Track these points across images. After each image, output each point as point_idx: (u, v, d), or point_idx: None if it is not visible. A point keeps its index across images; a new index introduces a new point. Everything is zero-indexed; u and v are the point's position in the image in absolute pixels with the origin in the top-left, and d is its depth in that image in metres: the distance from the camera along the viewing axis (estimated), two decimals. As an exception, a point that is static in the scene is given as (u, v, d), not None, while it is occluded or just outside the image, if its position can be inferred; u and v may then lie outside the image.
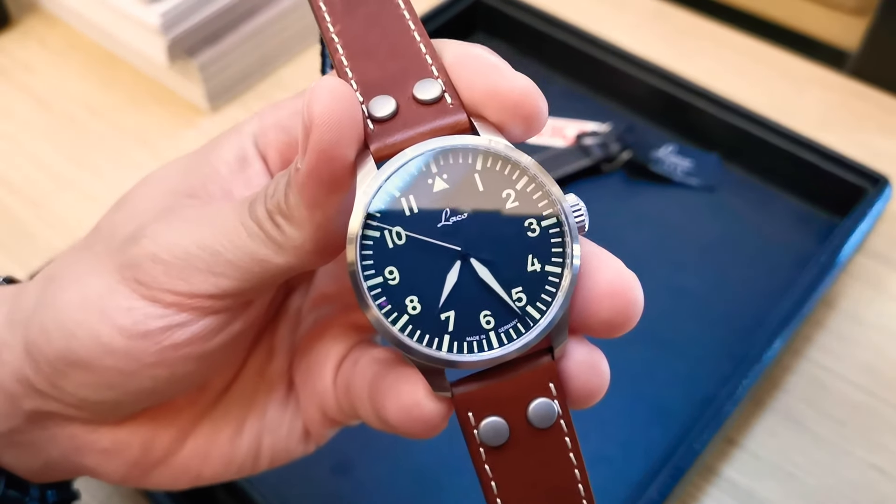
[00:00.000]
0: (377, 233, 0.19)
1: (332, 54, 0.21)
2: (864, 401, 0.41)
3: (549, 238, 0.20)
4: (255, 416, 0.27)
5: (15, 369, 0.24)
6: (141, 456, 0.26)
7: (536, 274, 0.20)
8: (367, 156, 0.20)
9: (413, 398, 0.21)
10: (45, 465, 0.26)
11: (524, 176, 0.20)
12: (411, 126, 0.20)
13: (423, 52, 0.21)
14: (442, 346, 0.20)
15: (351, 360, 0.25)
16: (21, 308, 0.24)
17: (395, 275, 0.19)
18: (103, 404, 0.24)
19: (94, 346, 0.22)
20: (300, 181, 0.20)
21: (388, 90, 0.20)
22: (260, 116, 0.25)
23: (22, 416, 0.25)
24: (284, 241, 0.21)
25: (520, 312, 0.20)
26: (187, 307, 0.22)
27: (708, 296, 0.45)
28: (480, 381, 0.21)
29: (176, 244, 0.22)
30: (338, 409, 0.26)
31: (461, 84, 0.20)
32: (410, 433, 0.22)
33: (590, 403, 0.21)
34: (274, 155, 0.25)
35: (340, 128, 0.19)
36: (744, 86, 0.55)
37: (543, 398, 0.20)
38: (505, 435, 0.20)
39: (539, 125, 0.21)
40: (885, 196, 0.45)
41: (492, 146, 0.20)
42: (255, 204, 0.21)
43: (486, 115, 0.20)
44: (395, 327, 0.19)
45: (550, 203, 0.20)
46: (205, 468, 0.27)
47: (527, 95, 0.20)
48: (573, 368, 0.21)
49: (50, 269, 0.25)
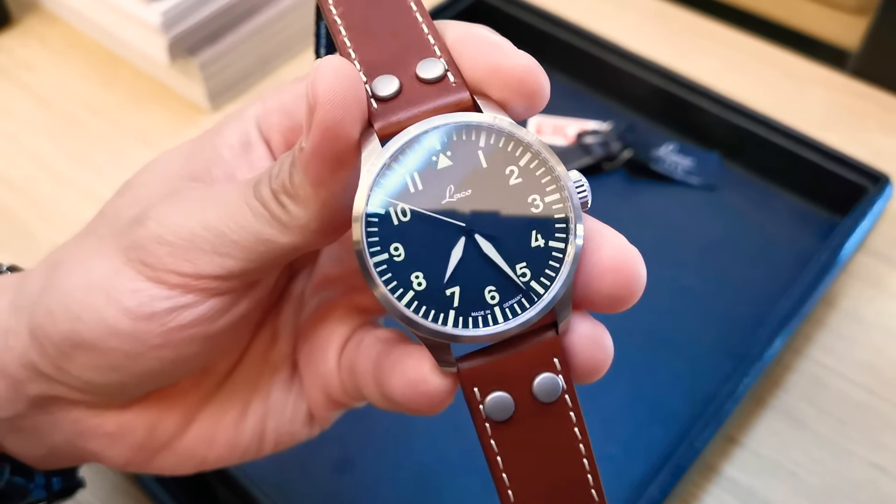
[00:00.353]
0: (382, 210, 0.19)
1: (335, 35, 0.21)
2: (865, 399, 0.41)
3: (553, 214, 0.20)
4: (259, 400, 0.27)
5: (20, 354, 0.24)
6: (146, 440, 0.26)
7: (540, 249, 0.20)
8: (371, 134, 0.20)
9: (419, 373, 0.21)
10: (49, 452, 0.26)
11: (528, 153, 0.20)
12: (415, 104, 0.20)
13: (426, 32, 0.21)
14: (447, 321, 0.20)
15: (355, 342, 0.25)
16: (25, 294, 0.24)
17: (401, 251, 0.20)
18: (108, 387, 0.24)
19: (100, 327, 0.22)
20: (305, 159, 0.20)
21: (392, 70, 0.20)
22: (263, 100, 0.25)
23: (26, 400, 0.25)
24: (289, 220, 0.21)
25: (524, 287, 0.20)
26: (193, 288, 0.22)
27: (709, 294, 0.45)
28: (486, 356, 0.21)
29: (181, 225, 0.22)
30: (342, 391, 0.26)
31: (464, 63, 0.21)
32: (416, 409, 0.22)
33: (594, 378, 0.21)
34: (277, 138, 0.25)
35: (345, 106, 0.19)
36: (745, 85, 0.55)
37: (548, 373, 0.21)
38: (510, 410, 0.21)
39: (541, 102, 0.21)
40: (885, 195, 0.45)
41: (496, 123, 0.20)
42: (259, 184, 0.21)
43: (489, 92, 0.20)
44: (402, 303, 0.20)
45: (554, 179, 0.20)
46: (209, 452, 0.27)
47: (529, 72, 0.20)
48: (577, 343, 0.21)
49: (54, 254, 0.25)
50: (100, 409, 0.25)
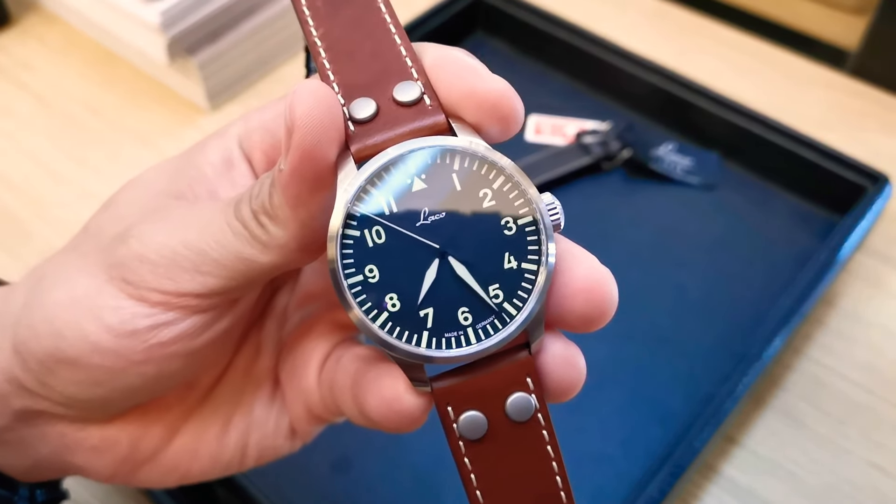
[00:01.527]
0: (357, 231, 0.20)
1: (315, 57, 0.22)
2: (864, 399, 0.41)
3: (526, 236, 0.20)
4: (242, 414, 0.27)
5: (3, 368, 0.24)
6: (129, 453, 0.26)
7: (513, 271, 0.20)
8: (347, 156, 0.20)
9: (393, 392, 0.22)
10: (34, 465, 0.26)
11: (501, 176, 0.20)
12: (391, 127, 0.20)
13: (404, 54, 0.21)
14: (421, 342, 0.20)
15: (334, 358, 0.26)
16: (9, 309, 0.24)
17: (375, 273, 0.20)
18: (91, 402, 0.24)
19: (82, 344, 0.22)
20: (283, 181, 0.20)
21: (369, 92, 0.21)
22: (245, 119, 0.25)
23: (11, 414, 0.25)
24: (269, 240, 0.21)
25: (496, 309, 0.20)
26: (174, 306, 0.22)
27: (708, 294, 0.45)
28: (459, 375, 0.21)
29: (163, 244, 0.22)
30: (322, 407, 0.26)
31: (440, 86, 0.21)
32: (391, 427, 0.22)
33: (566, 398, 0.22)
34: (259, 156, 0.25)
35: (322, 129, 0.19)
36: (744, 84, 0.55)
37: (521, 392, 0.21)
38: (483, 428, 0.21)
39: (515, 126, 0.21)
40: (885, 194, 0.45)
41: (470, 147, 0.20)
42: (240, 204, 0.22)
43: (464, 116, 0.21)
44: (376, 324, 0.20)
45: (526, 202, 0.20)
46: (193, 465, 0.27)
47: (503, 97, 0.20)
48: (550, 363, 0.21)
49: (38, 269, 0.25)
50: (83, 423, 0.25)
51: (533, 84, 0.56)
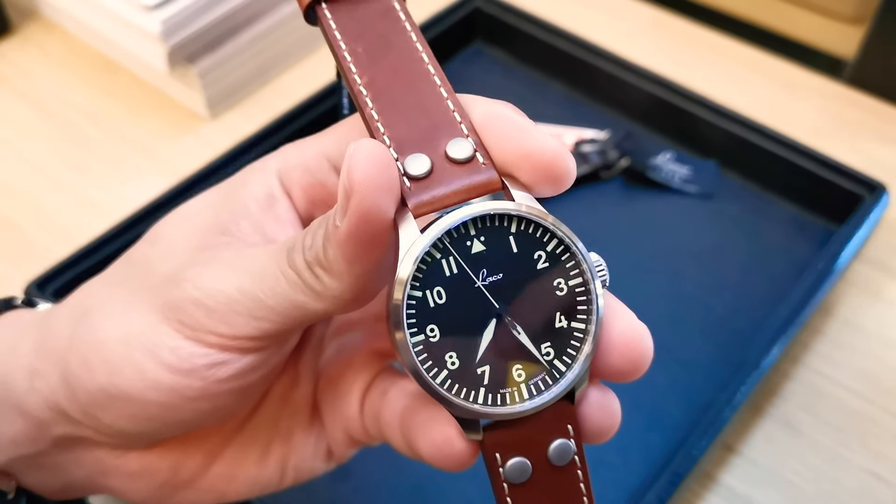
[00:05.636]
0: (419, 293, 0.20)
1: (363, 107, 0.22)
2: (863, 408, 0.41)
3: (576, 297, 0.21)
4: (280, 440, 0.28)
5: (46, 396, 0.24)
6: (168, 479, 0.26)
7: (563, 330, 0.21)
8: (406, 213, 0.21)
9: (445, 438, 0.22)
10: (65, 486, 0.27)
11: (554, 238, 0.21)
12: (446, 183, 0.21)
13: (452, 109, 0.22)
14: (478, 399, 0.21)
15: (378, 390, 0.26)
16: (54, 337, 0.24)
17: (436, 332, 0.21)
18: (139, 435, 0.25)
19: (139, 381, 0.23)
20: (340, 239, 0.20)
21: (421, 147, 0.21)
22: (283, 155, 0.25)
23: (49, 440, 0.25)
24: (323, 290, 0.21)
25: (548, 366, 0.21)
26: (230, 347, 0.23)
27: (706, 302, 0.45)
28: (507, 425, 0.22)
29: (218, 290, 0.22)
30: (364, 434, 0.27)
31: (491, 144, 0.21)
32: (440, 467, 0.23)
33: (602, 440, 0.23)
34: (299, 193, 0.25)
35: (380, 191, 0.20)
36: (741, 93, 0.55)
37: (563, 439, 0.22)
38: (528, 473, 0.22)
39: (567, 184, 0.22)
40: (882, 203, 0.45)
41: (526, 211, 0.21)
42: (293, 253, 0.22)
43: (518, 176, 0.21)
44: (436, 381, 0.21)
45: (577, 264, 0.21)
46: (229, 489, 0.27)
47: (557, 158, 0.21)
48: (589, 411, 0.22)
49: (80, 300, 0.25)
50: (123, 449, 0.26)
51: (531, 93, 0.56)
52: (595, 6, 0.63)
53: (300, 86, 0.57)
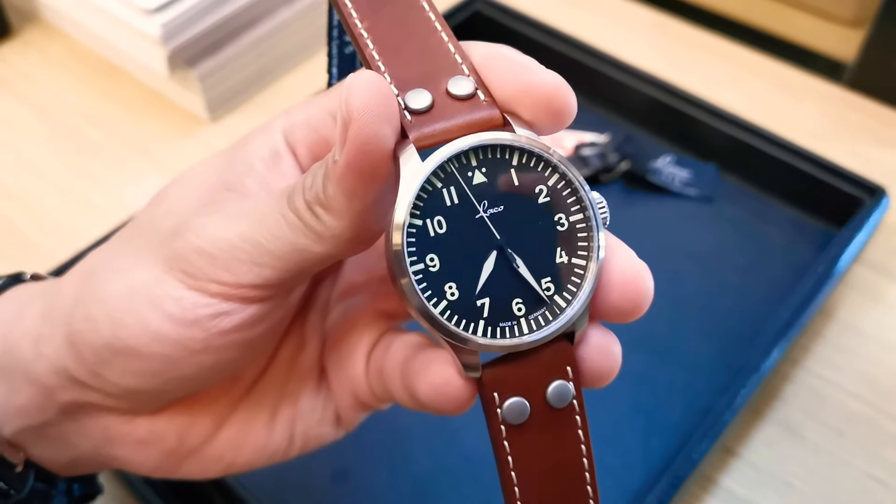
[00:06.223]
0: (420, 221, 0.20)
1: (363, 49, 0.22)
2: (863, 411, 0.41)
3: (577, 232, 0.21)
4: (288, 405, 0.28)
5: (53, 361, 0.24)
6: (176, 446, 0.26)
7: (564, 265, 0.21)
8: (407, 145, 0.20)
9: (443, 377, 0.22)
10: (73, 459, 0.27)
11: (556, 173, 0.21)
12: (448, 118, 0.21)
13: (453, 51, 0.22)
14: (477, 330, 0.21)
15: (382, 346, 0.26)
16: (59, 302, 0.25)
17: (436, 262, 0.20)
18: (145, 393, 0.24)
19: (143, 333, 0.23)
20: (339, 173, 0.20)
21: (423, 85, 0.21)
22: (289, 114, 0.26)
23: (56, 408, 0.25)
24: (324, 230, 0.21)
25: (548, 301, 0.21)
26: (233, 296, 0.23)
27: (706, 305, 0.45)
28: (506, 362, 0.21)
29: (220, 237, 0.22)
30: (370, 394, 0.27)
31: (492, 82, 0.21)
32: (441, 410, 0.23)
33: (602, 384, 0.23)
34: (303, 151, 0.25)
35: (379, 120, 0.19)
36: (741, 97, 0.56)
37: (561, 380, 0.22)
38: (526, 414, 0.22)
39: (569, 119, 0.21)
40: (882, 207, 0.45)
41: (528, 144, 0.21)
42: (293, 195, 0.22)
43: (519, 111, 0.21)
44: (436, 311, 0.20)
45: (578, 199, 0.21)
46: (238, 456, 0.27)
47: (558, 91, 0.21)
48: (589, 352, 0.22)
49: (86, 264, 0.25)
50: (131, 415, 0.26)
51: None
52: (595, 9, 0.63)
53: (300, 88, 0.58)
